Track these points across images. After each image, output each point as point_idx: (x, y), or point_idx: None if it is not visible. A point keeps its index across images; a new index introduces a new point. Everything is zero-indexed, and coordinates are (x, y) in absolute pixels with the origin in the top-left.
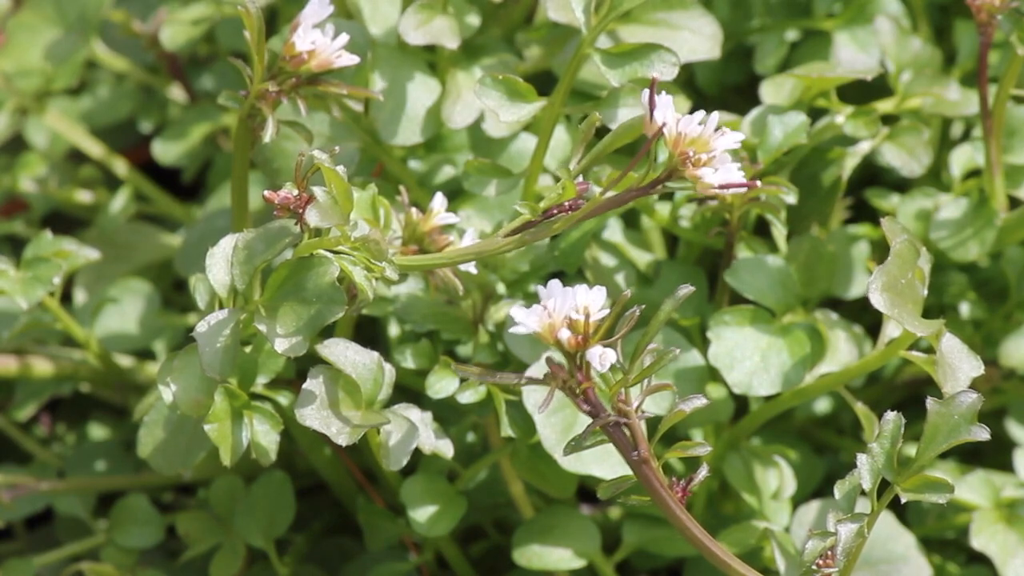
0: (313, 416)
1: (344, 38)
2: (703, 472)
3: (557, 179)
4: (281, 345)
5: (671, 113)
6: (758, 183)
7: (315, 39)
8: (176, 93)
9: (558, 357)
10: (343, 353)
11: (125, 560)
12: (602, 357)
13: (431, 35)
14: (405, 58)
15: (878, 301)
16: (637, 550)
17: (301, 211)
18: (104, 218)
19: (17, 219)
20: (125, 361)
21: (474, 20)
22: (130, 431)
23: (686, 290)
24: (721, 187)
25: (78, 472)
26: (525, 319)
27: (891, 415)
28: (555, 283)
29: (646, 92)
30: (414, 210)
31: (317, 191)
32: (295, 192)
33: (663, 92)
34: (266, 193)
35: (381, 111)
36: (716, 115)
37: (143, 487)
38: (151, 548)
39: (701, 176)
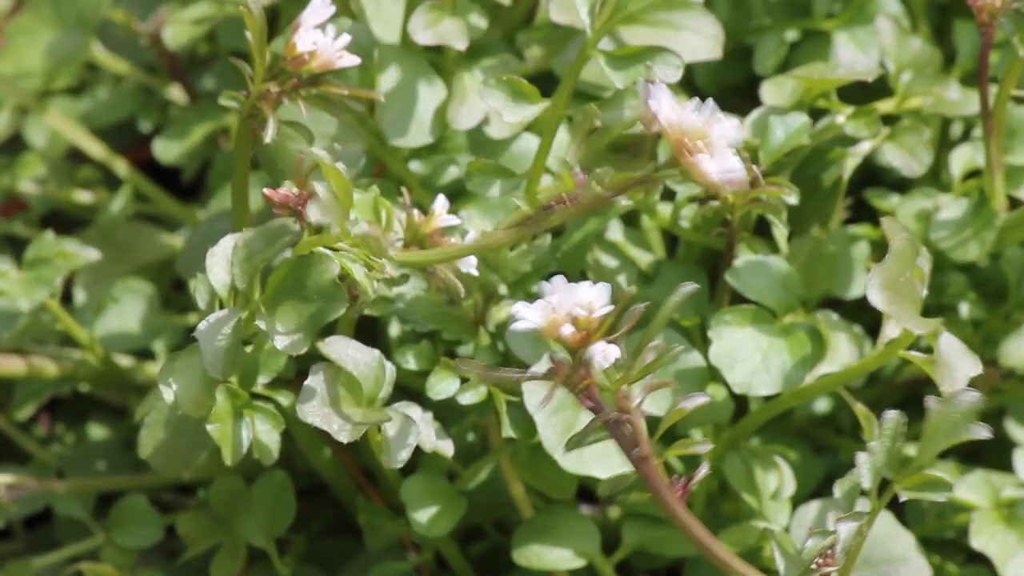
0: (314, 413)
1: (345, 39)
2: (703, 470)
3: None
4: (282, 343)
5: (667, 103)
6: (761, 179)
7: (316, 40)
8: (175, 94)
9: (560, 354)
10: (344, 351)
11: (125, 560)
12: (605, 353)
13: (440, 36)
14: (412, 59)
15: (876, 299)
16: (637, 550)
17: (301, 209)
18: (104, 218)
19: (16, 219)
20: (125, 361)
21: (480, 22)
22: (130, 431)
23: (689, 287)
24: (719, 175)
25: (77, 472)
26: (528, 314)
27: (892, 414)
28: (559, 278)
29: (643, 82)
30: (416, 212)
31: (318, 187)
32: (295, 190)
33: (659, 82)
34: (266, 191)
35: (387, 112)
36: (711, 101)
37: (143, 487)
38: (151, 548)
39: (698, 163)
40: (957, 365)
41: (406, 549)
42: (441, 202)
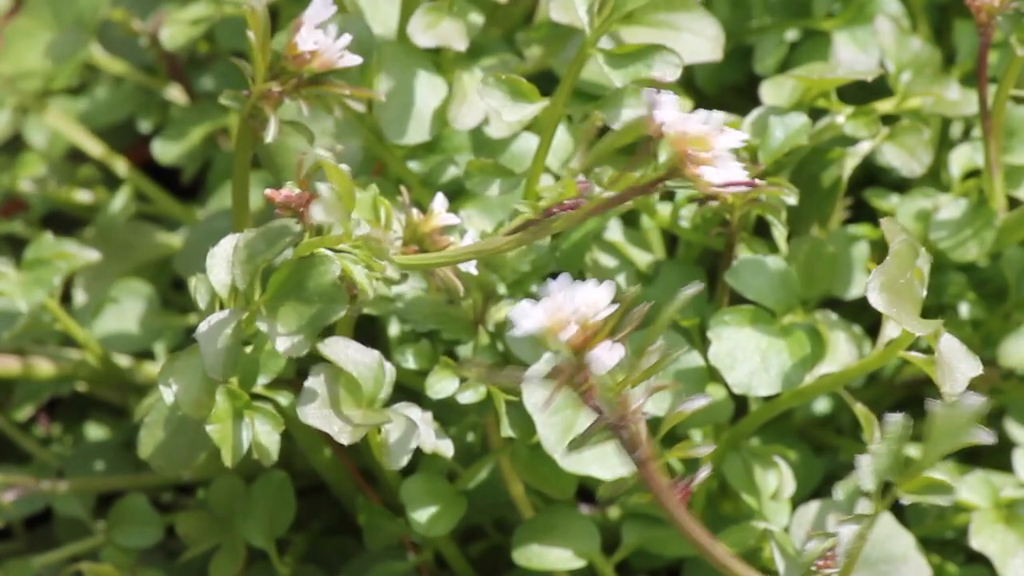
0: (315, 415)
1: (347, 38)
2: (704, 472)
3: (558, 178)
4: (282, 344)
5: (673, 112)
6: (759, 182)
7: (318, 39)
8: (175, 94)
9: (562, 355)
10: (344, 352)
11: (124, 560)
12: (608, 356)
13: (440, 37)
14: (411, 57)
15: (877, 300)
16: (636, 550)
17: (303, 209)
18: (103, 218)
19: (16, 219)
20: (124, 361)
21: (477, 19)
22: (129, 431)
23: (692, 289)
24: (722, 186)
25: (77, 472)
26: (529, 315)
27: (897, 418)
28: (562, 278)
29: (648, 91)
30: (415, 211)
31: (322, 187)
32: (297, 191)
33: (663, 90)
34: (268, 191)
35: (386, 110)
36: (717, 113)
37: (143, 487)
38: (150, 548)
39: (702, 174)
40: (957, 366)
41: (406, 549)
42: (440, 201)
